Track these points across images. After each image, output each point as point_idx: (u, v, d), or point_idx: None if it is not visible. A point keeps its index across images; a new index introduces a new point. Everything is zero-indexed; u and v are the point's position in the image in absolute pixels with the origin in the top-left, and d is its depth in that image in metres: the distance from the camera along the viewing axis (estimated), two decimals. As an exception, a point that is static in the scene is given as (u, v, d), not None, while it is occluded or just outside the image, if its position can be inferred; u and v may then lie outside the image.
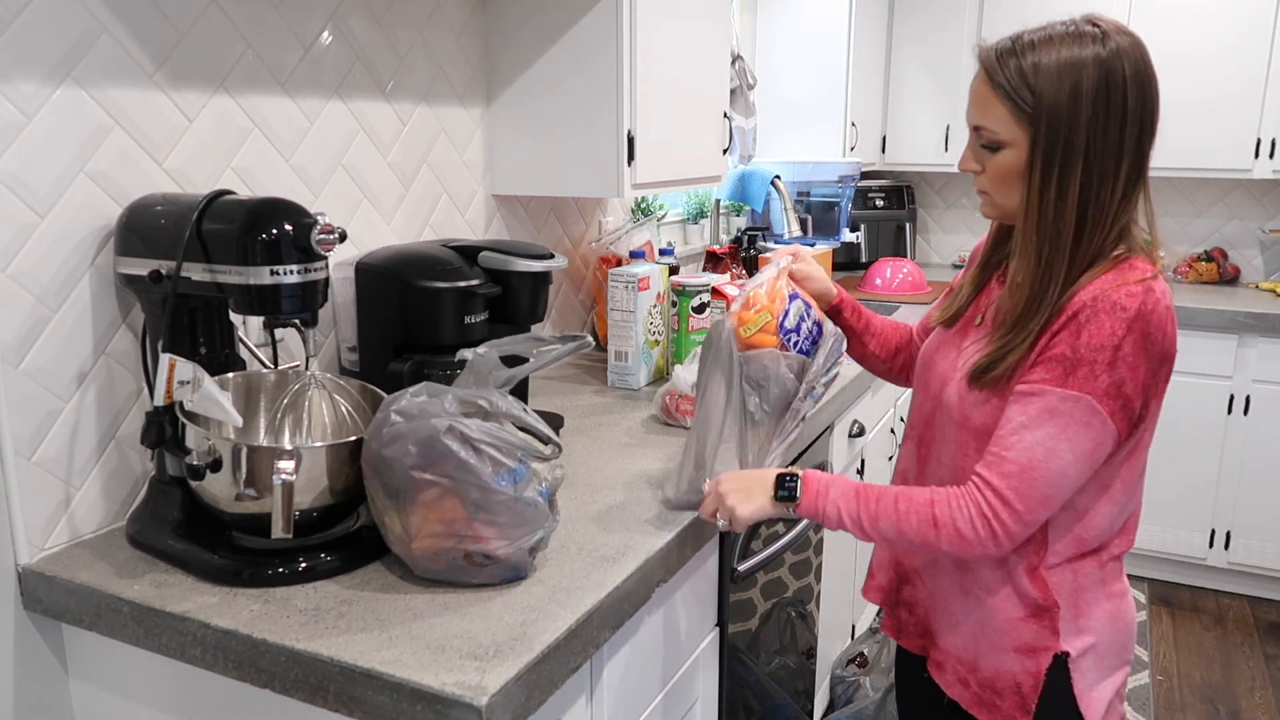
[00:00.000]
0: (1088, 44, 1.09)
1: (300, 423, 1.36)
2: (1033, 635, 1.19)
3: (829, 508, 1.20)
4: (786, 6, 3.35)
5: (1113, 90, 1.08)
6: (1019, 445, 1.10)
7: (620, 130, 1.92)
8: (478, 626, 1.07)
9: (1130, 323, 1.07)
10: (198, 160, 1.42)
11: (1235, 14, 3.31)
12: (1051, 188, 1.10)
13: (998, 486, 1.11)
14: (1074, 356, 1.08)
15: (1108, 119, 1.08)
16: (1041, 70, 1.09)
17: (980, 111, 1.15)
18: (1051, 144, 1.09)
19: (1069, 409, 1.08)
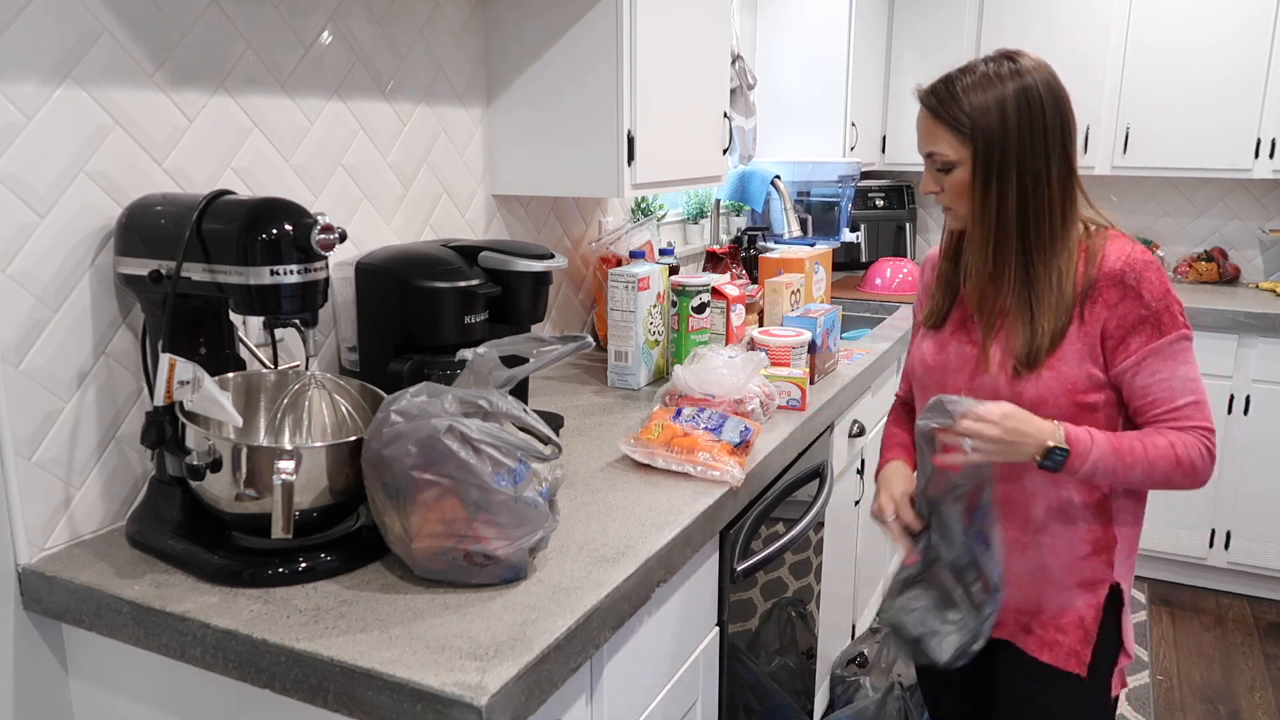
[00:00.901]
0: (1006, 76, 1.33)
1: (300, 423, 1.36)
2: (1092, 570, 1.40)
3: (1086, 469, 1.32)
4: (786, 6, 3.35)
5: (1032, 108, 1.32)
6: (1178, 389, 1.33)
7: (620, 130, 1.92)
8: (478, 626, 1.07)
9: (1159, 270, 1.34)
10: (198, 160, 1.42)
11: (1235, 13, 3.31)
12: (992, 191, 1.34)
13: (1199, 423, 1.33)
14: (1151, 312, 1.32)
15: (1031, 133, 1.32)
16: (973, 100, 1.33)
17: (930, 141, 1.38)
18: (988, 157, 1.33)
19: (1178, 348, 1.33)
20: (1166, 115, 3.46)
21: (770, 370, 1.95)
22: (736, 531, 1.60)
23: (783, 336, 2.04)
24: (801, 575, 2.07)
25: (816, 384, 2.13)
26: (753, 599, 1.76)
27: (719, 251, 2.96)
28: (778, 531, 1.82)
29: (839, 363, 2.33)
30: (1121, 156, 3.55)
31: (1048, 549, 1.41)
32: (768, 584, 1.84)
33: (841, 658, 2.56)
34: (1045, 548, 1.41)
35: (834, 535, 2.37)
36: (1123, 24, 3.47)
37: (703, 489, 1.49)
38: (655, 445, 1.58)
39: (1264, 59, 3.30)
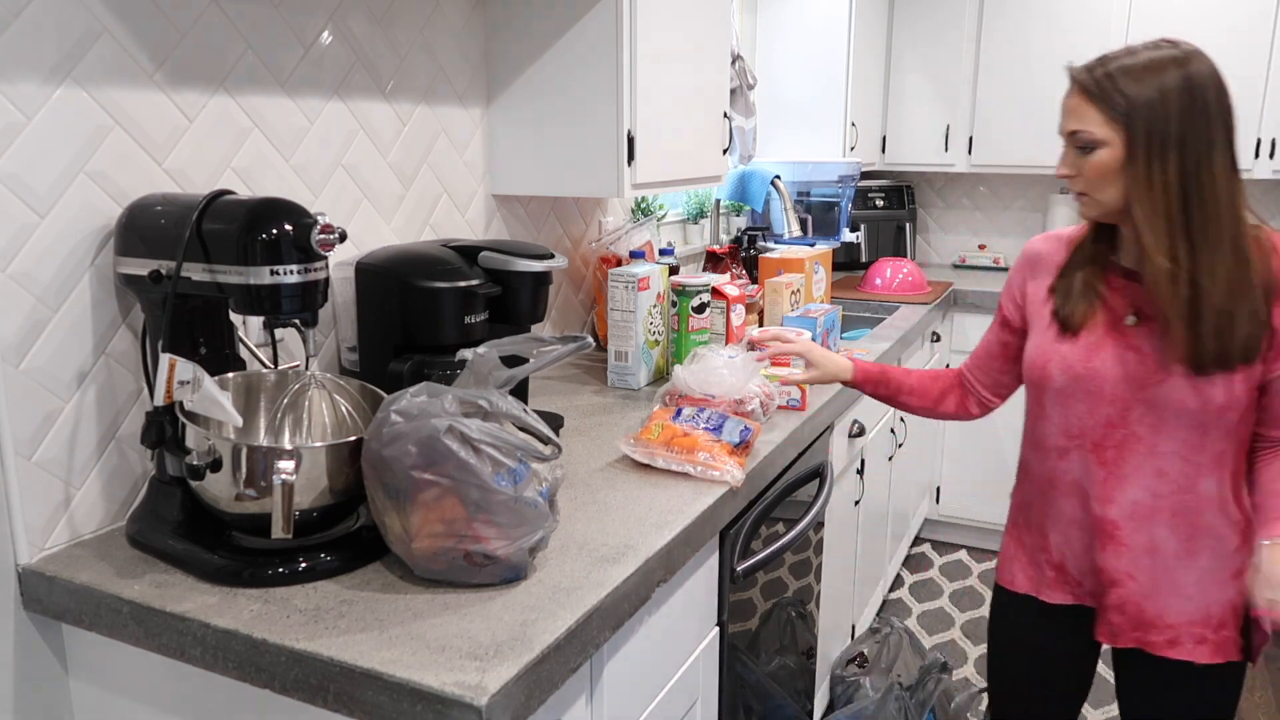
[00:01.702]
0: (1165, 54, 1.27)
1: (300, 423, 1.36)
2: (1242, 558, 1.38)
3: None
4: (786, 6, 3.35)
5: (1195, 91, 1.25)
6: None
7: (620, 130, 1.92)
8: (478, 626, 1.07)
9: None
10: (198, 160, 1.42)
11: (1235, 13, 3.31)
12: (1155, 173, 1.26)
13: None
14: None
15: (1193, 114, 1.25)
16: (1130, 76, 1.26)
17: (1076, 118, 1.31)
18: (1149, 136, 1.25)
19: None
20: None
21: (770, 370, 1.95)
22: (736, 531, 1.61)
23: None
24: (801, 575, 2.07)
25: (816, 384, 2.13)
26: (753, 599, 1.76)
27: (719, 251, 2.96)
28: (778, 531, 1.82)
29: (839, 363, 2.32)
30: (1121, 156, 3.55)
31: (1213, 550, 1.37)
32: (768, 584, 1.84)
33: (841, 658, 2.56)
34: (1212, 550, 1.37)
35: (834, 535, 2.37)
36: (1123, 24, 3.47)
37: (703, 489, 1.49)
38: (655, 445, 1.58)
39: (1264, 59, 3.30)
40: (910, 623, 3.25)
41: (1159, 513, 1.38)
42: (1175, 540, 1.38)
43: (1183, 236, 1.27)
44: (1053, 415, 1.44)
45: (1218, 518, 1.36)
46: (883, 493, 2.94)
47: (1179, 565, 1.38)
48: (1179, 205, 1.26)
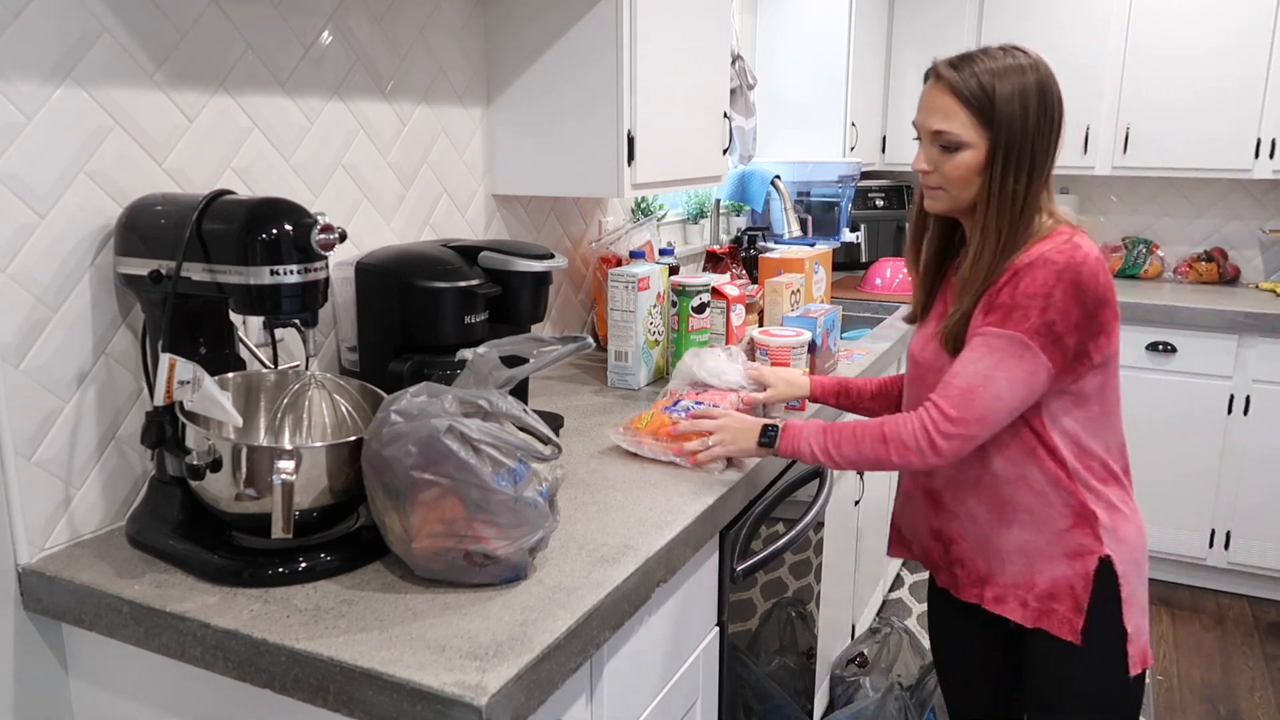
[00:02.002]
0: (1027, 69, 1.35)
1: (300, 423, 1.36)
2: (1078, 541, 1.41)
3: (803, 446, 1.46)
4: (786, 6, 3.35)
5: (1047, 103, 1.35)
6: (964, 373, 1.35)
7: (620, 130, 1.92)
8: (478, 626, 1.07)
9: (1060, 273, 1.31)
10: (198, 160, 1.42)
11: (1235, 14, 3.31)
12: (1009, 182, 1.35)
13: (940, 404, 1.35)
14: (1012, 304, 1.32)
15: (1044, 125, 1.36)
16: (998, 83, 1.34)
17: (943, 118, 1.37)
18: (1009, 145, 1.34)
19: (1004, 344, 1.32)
20: (1166, 116, 3.46)
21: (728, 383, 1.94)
22: (736, 531, 1.60)
23: (783, 336, 2.04)
24: (801, 575, 2.07)
25: (816, 384, 2.13)
26: (753, 599, 1.76)
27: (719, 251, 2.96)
28: (778, 531, 1.82)
29: (839, 363, 2.33)
30: (1121, 157, 3.55)
31: (1030, 524, 1.43)
32: (768, 584, 1.84)
33: (841, 658, 2.56)
34: (1027, 524, 1.43)
35: (834, 535, 2.37)
36: (1122, 24, 3.47)
37: (703, 488, 1.49)
38: (643, 434, 1.58)
39: (1264, 59, 3.30)
40: (910, 623, 3.25)
41: (966, 485, 1.48)
42: (984, 510, 1.47)
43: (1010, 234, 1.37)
44: (906, 395, 1.60)
45: (1027, 495, 1.42)
46: (883, 493, 2.94)
47: (995, 533, 1.47)
48: (1020, 212, 1.36)
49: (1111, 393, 1.43)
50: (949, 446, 1.35)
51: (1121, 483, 1.45)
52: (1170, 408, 3.35)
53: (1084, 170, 3.60)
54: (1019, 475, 1.43)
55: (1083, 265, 1.31)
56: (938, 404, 1.35)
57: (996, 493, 1.45)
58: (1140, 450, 3.39)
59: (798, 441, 1.46)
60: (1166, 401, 3.34)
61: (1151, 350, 3.34)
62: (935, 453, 1.35)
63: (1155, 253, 3.84)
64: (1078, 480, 1.41)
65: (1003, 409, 1.34)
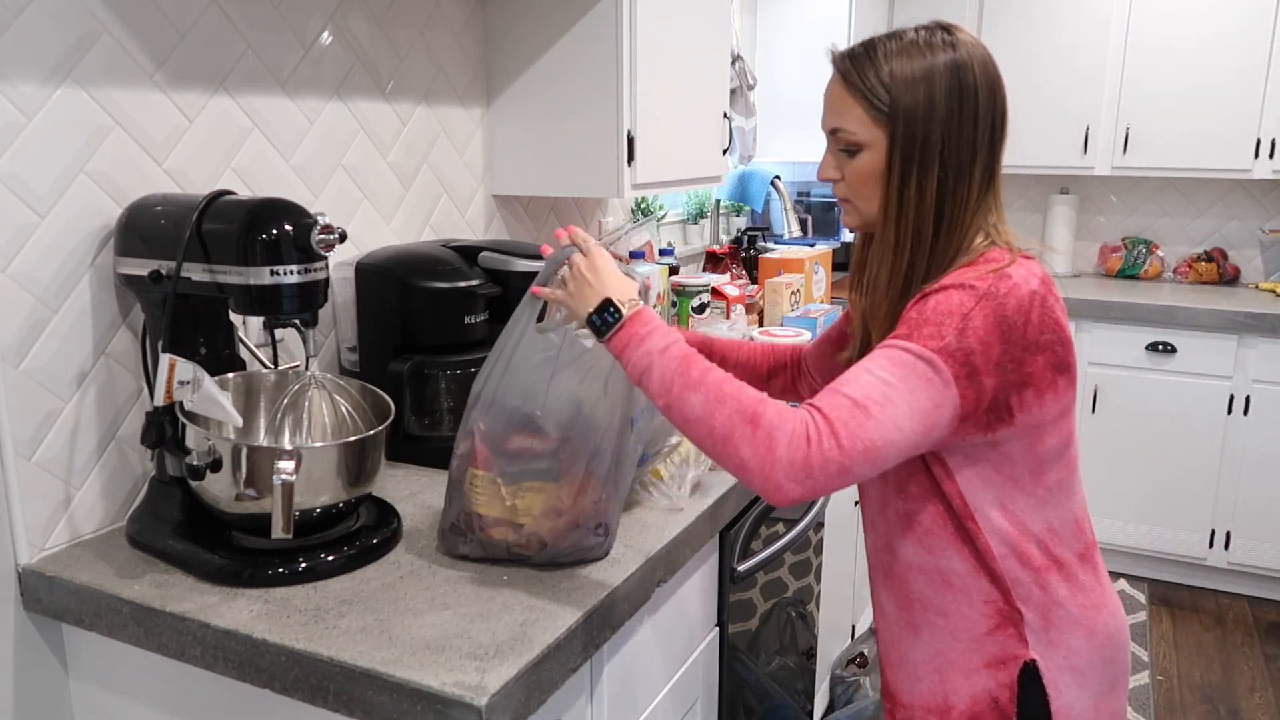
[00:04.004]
0: (939, 49, 1.09)
1: (300, 423, 1.36)
2: (1000, 646, 1.13)
3: (638, 357, 1.07)
4: (786, 6, 3.35)
5: (965, 91, 1.08)
6: (857, 382, 1.01)
7: (620, 130, 1.92)
8: (478, 626, 1.07)
9: (979, 299, 1.03)
10: (198, 160, 1.42)
11: (1235, 13, 3.31)
12: (911, 185, 1.08)
13: (829, 414, 0.99)
14: (919, 318, 1.04)
15: (961, 118, 1.08)
16: (896, 72, 1.09)
17: (837, 114, 1.14)
18: (909, 141, 1.08)
19: (910, 360, 1.01)
20: (1166, 115, 3.46)
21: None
22: (736, 531, 1.61)
23: (783, 337, 2.04)
24: (801, 575, 2.07)
25: (816, 384, 2.13)
26: (753, 599, 1.76)
27: (719, 252, 2.96)
28: (778, 531, 1.82)
29: (839, 363, 2.32)
30: (1121, 157, 3.55)
31: (944, 629, 1.15)
32: (768, 584, 1.84)
33: (841, 658, 2.56)
34: (941, 628, 1.15)
35: (834, 535, 2.37)
36: (1122, 24, 3.47)
37: (703, 488, 1.49)
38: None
39: (1264, 59, 3.30)
40: (910, 623, 3.25)
41: (877, 572, 1.21)
42: (893, 608, 1.19)
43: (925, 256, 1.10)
44: None
45: (941, 592, 1.14)
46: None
47: (904, 637, 1.19)
48: (932, 218, 1.09)
49: (1065, 463, 1.13)
50: (819, 471, 0.98)
51: (1069, 570, 1.13)
52: (1170, 408, 3.35)
53: (1084, 170, 3.60)
54: (933, 566, 1.14)
55: (1009, 296, 1.03)
56: (826, 415, 0.99)
57: (906, 588, 1.17)
58: (1140, 450, 3.39)
59: (635, 346, 1.07)
60: (1166, 401, 3.34)
61: (1151, 350, 3.34)
62: (804, 477, 0.98)
63: (1155, 253, 3.84)
64: (1004, 571, 1.11)
65: (895, 444, 1.00)
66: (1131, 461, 3.43)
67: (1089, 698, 1.14)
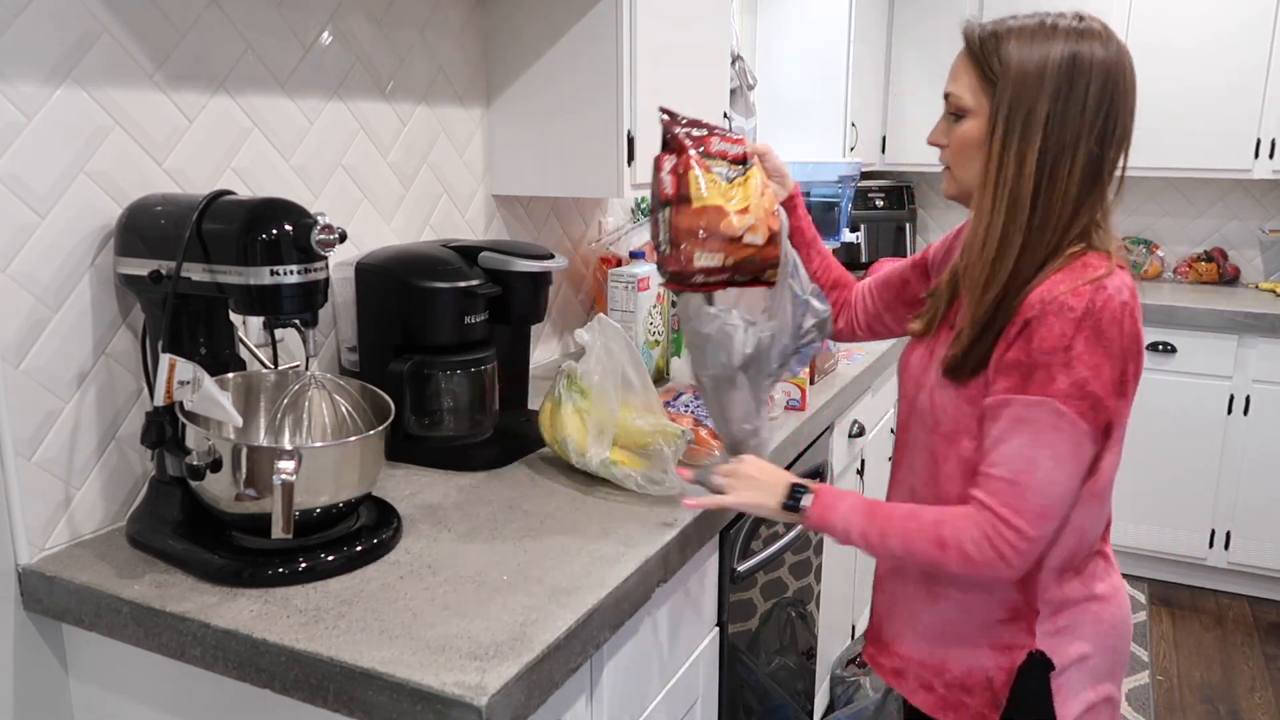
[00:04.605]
0: (1063, 34, 1.10)
1: (300, 423, 1.36)
2: (1010, 635, 1.19)
3: (837, 522, 1.19)
4: (786, 6, 3.35)
5: (1077, 76, 1.08)
6: (1000, 459, 1.10)
7: (620, 130, 1.92)
8: (478, 626, 1.07)
9: (1078, 322, 1.06)
10: (198, 160, 1.42)
11: (1235, 13, 3.31)
12: (1011, 152, 1.10)
13: (993, 506, 1.09)
14: (1029, 361, 1.08)
15: (1069, 99, 1.09)
16: (1014, 46, 1.10)
17: (953, 79, 1.17)
18: (1013, 110, 1.10)
19: (1035, 415, 1.07)
20: (1166, 115, 3.46)
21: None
22: (736, 531, 1.60)
23: (783, 336, 2.04)
24: (801, 575, 2.07)
25: (816, 384, 2.13)
26: (753, 599, 1.76)
27: (719, 251, 2.96)
28: (778, 532, 1.82)
29: (839, 363, 2.33)
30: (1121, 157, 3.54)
31: (958, 605, 1.21)
32: (768, 584, 1.84)
33: (841, 658, 2.56)
34: (956, 603, 1.22)
35: (834, 535, 2.37)
36: (1122, 24, 3.47)
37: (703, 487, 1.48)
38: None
39: (1264, 59, 3.30)
40: (910, 623, 3.25)
41: None
42: (918, 571, 1.25)
43: (1019, 231, 1.11)
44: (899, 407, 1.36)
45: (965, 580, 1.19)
46: (882, 493, 2.94)
47: (919, 599, 1.26)
48: (1030, 195, 1.10)
49: (1110, 467, 1.16)
50: (1020, 559, 1.09)
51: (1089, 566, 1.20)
52: (1170, 408, 3.35)
53: (1084, 170, 3.59)
54: None
55: (1104, 311, 1.06)
56: (990, 507, 1.09)
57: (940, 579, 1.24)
58: (1140, 450, 3.39)
59: (831, 516, 1.19)
60: (1166, 401, 3.34)
61: (1151, 350, 3.34)
62: (1006, 566, 1.10)
63: (1155, 253, 3.84)
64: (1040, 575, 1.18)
65: (1060, 496, 1.09)
66: (1131, 461, 3.43)
67: (1088, 681, 1.19)
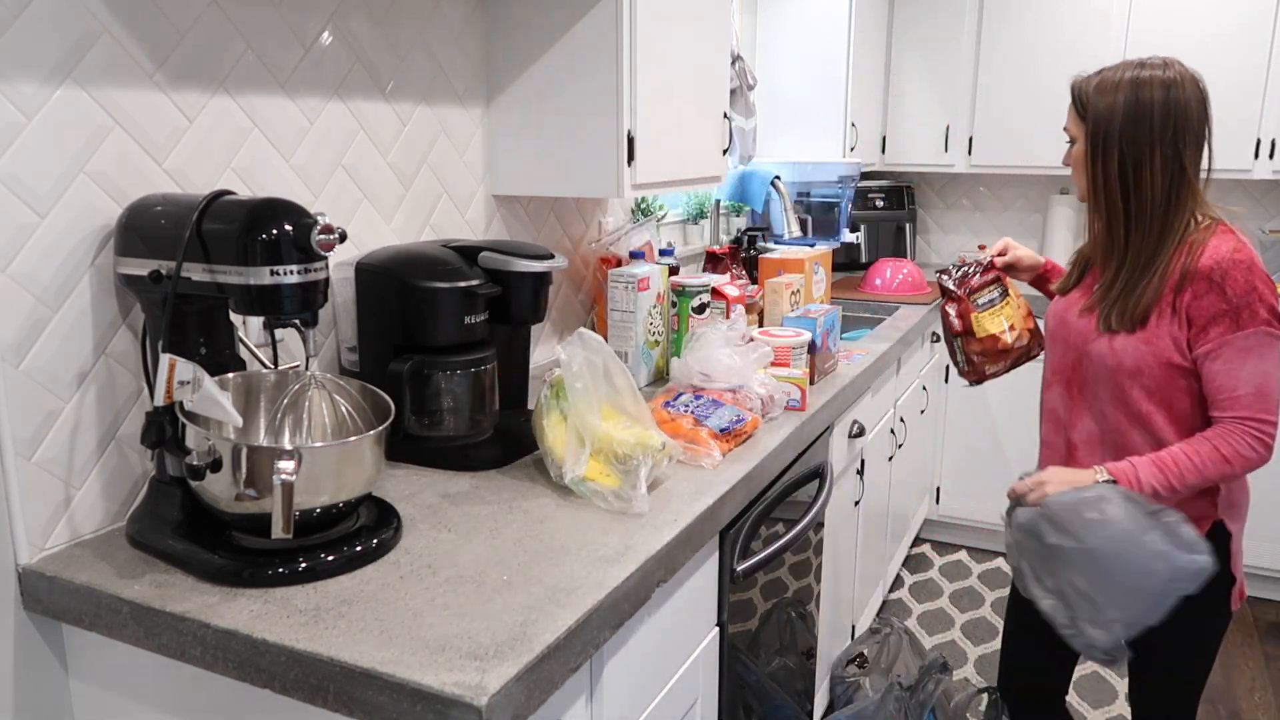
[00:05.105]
0: (1128, 69, 1.57)
1: (300, 423, 1.36)
2: (1199, 509, 1.62)
3: (1144, 487, 1.55)
4: (786, 6, 3.35)
5: (1140, 104, 1.54)
6: (1241, 381, 1.51)
7: (620, 130, 1.92)
8: (478, 626, 1.07)
9: (1250, 268, 1.50)
10: (198, 160, 1.42)
11: (1235, 13, 3.31)
12: (1098, 167, 1.59)
13: (1249, 414, 1.51)
14: (1232, 308, 1.50)
15: (1137, 122, 1.54)
16: (1093, 88, 1.59)
17: (1068, 118, 1.65)
18: (1094, 137, 1.58)
19: (1255, 342, 1.50)
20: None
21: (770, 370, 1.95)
22: (736, 532, 1.61)
23: (783, 337, 2.04)
24: (801, 576, 2.07)
25: (816, 384, 2.13)
26: (753, 599, 1.76)
27: (719, 252, 2.96)
28: (778, 532, 1.82)
29: (839, 363, 2.33)
30: (1121, 157, 3.55)
31: None
32: (768, 584, 1.84)
33: (841, 658, 2.56)
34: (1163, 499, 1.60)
35: (834, 536, 2.37)
36: (1123, 24, 3.47)
37: (703, 487, 1.49)
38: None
39: (1264, 59, 3.30)
40: (910, 623, 3.25)
41: (1104, 445, 1.67)
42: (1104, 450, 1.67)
43: (1120, 220, 1.58)
44: (1047, 355, 1.80)
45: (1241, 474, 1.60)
46: (883, 493, 2.94)
47: None
48: (1119, 194, 1.57)
49: None
50: (1274, 444, 1.53)
51: None
52: (1170, 408, 3.35)
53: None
54: (1156, 444, 1.60)
55: (1254, 260, 1.52)
56: (1245, 416, 1.51)
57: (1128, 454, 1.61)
58: (1140, 450, 3.39)
59: (1137, 484, 1.56)
60: (1166, 402, 3.34)
61: (1151, 350, 3.34)
62: (1269, 452, 1.52)
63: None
64: None
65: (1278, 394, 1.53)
66: (1131, 462, 3.43)
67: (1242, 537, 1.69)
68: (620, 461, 1.43)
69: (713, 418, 1.66)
